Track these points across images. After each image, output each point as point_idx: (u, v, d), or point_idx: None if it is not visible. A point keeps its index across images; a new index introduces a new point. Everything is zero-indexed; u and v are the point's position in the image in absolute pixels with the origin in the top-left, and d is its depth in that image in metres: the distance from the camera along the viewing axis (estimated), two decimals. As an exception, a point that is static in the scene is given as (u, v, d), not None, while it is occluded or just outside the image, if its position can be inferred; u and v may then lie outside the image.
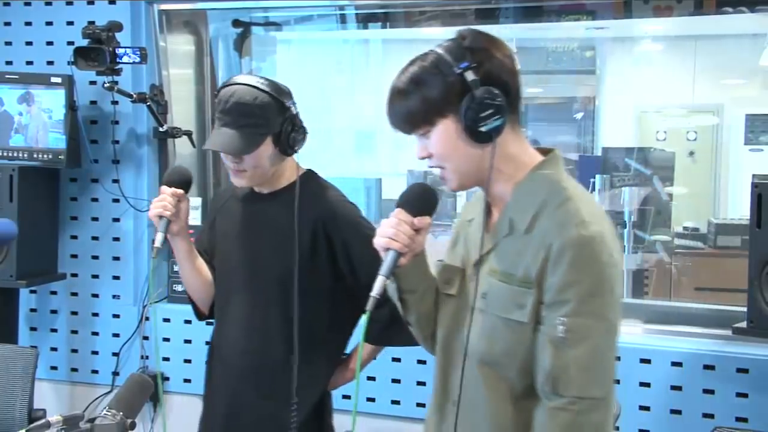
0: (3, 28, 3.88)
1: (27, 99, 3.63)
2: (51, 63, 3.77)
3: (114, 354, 3.80)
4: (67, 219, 3.87)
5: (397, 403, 3.43)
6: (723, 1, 3.47)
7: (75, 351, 3.90)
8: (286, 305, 2.29)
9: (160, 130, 3.67)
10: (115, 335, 3.82)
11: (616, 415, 2.38)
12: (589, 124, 7.76)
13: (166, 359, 3.73)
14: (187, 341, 3.67)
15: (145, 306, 3.75)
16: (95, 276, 3.86)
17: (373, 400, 3.41)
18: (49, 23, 3.82)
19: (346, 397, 2.39)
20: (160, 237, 2.29)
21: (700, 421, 3.02)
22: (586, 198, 1.69)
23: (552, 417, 1.60)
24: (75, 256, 3.87)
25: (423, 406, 1.94)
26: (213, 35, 4.08)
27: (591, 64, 7.70)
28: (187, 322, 3.36)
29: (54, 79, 3.57)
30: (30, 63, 3.82)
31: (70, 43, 3.61)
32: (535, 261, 1.61)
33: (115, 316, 3.83)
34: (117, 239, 3.82)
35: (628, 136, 7.25)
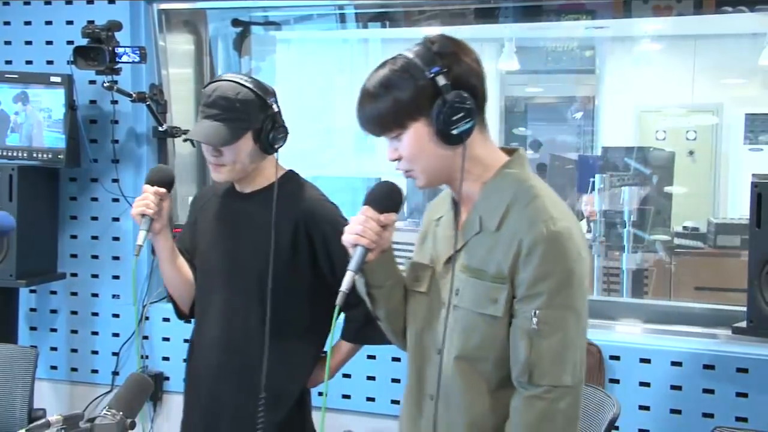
0: (2, 28, 3.88)
1: (22, 98, 3.63)
2: (50, 62, 3.77)
3: (114, 354, 3.80)
4: (67, 218, 3.86)
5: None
6: (722, 1, 3.47)
7: (75, 351, 3.90)
8: (265, 304, 2.30)
9: (160, 129, 3.66)
10: (115, 335, 3.82)
11: (616, 415, 2.39)
12: (589, 124, 7.77)
13: (166, 359, 3.74)
14: (187, 341, 3.65)
15: (140, 306, 3.73)
16: (95, 275, 3.85)
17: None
18: (48, 23, 3.81)
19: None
20: (142, 235, 2.33)
21: (700, 420, 3.02)
22: (553, 196, 1.75)
23: (528, 406, 1.66)
24: (75, 256, 3.87)
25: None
26: (212, 35, 4.08)
27: (590, 64, 7.70)
28: (187, 321, 3.35)
29: (53, 79, 3.57)
30: (29, 62, 3.82)
31: (70, 42, 3.60)
32: (507, 257, 1.67)
33: (115, 316, 3.83)
34: (117, 239, 3.82)
35: (627, 135, 7.26)
